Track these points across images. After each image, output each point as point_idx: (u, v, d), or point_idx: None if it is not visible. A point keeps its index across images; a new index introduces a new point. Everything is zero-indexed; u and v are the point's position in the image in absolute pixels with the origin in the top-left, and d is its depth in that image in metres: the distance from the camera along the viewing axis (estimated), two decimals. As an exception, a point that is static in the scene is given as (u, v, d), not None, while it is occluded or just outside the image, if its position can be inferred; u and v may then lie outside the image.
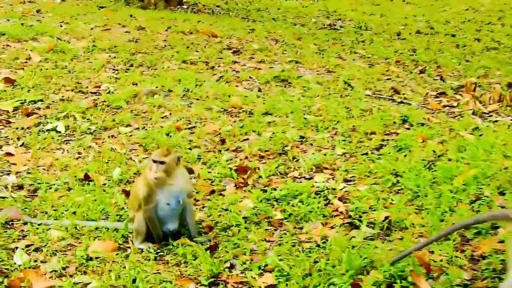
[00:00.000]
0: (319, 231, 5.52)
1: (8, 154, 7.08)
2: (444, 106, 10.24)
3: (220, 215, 5.93)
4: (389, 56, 13.16)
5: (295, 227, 5.75)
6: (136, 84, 9.54)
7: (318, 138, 7.96)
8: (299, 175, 6.93)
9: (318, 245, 5.34)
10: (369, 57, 13.04)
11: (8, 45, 10.80)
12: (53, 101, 8.57)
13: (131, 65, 10.48)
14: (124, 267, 5.05)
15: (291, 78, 10.60)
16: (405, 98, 10.40)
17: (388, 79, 11.58)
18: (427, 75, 12.21)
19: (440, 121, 8.96)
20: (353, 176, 6.86)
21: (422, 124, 8.62)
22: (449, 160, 7.14)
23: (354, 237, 5.45)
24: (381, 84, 11.03)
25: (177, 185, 5.33)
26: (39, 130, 7.72)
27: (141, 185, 5.36)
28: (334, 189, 6.45)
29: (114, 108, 8.55)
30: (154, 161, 5.20)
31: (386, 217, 5.73)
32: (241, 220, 5.70)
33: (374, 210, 5.99)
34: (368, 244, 5.33)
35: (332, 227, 5.70)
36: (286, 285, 4.79)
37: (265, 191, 6.34)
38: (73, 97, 8.83)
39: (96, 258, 5.17)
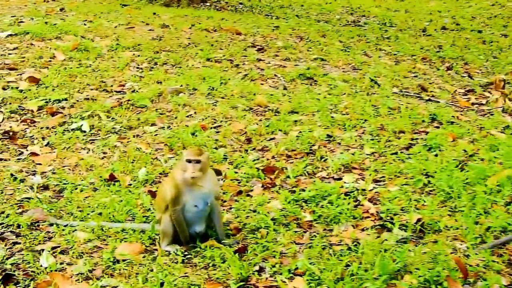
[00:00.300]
0: (349, 234, 5.37)
1: (33, 154, 7.01)
2: (473, 103, 10.05)
3: (248, 216, 5.81)
4: (415, 53, 12.94)
5: (324, 229, 5.62)
6: (161, 82, 9.44)
7: (346, 137, 7.81)
8: (327, 175, 6.79)
9: (349, 248, 5.19)
10: (395, 54, 12.83)
11: (32, 44, 10.75)
12: (77, 100, 8.49)
13: (155, 64, 10.38)
14: (151, 270, 4.95)
15: (316, 76, 10.45)
16: (433, 96, 10.22)
17: (415, 76, 11.39)
18: (454, 72, 11.99)
19: (469, 119, 8.77)
20: (383, 177, 6.71)
21: (452, 123, 8.43)
22: (481, 160, 6.96)
23: (386, 240, 5.27)
24: (408, 82, 10.83)
25: (206, 187, 5.22)
26: (64, 130, 7.63)
27: (168, 186, 5.26)
28: (364, 190, 6.30)
29: (139, 107, 8.45)
30: (189, 161, 5.09)
31: (419, 219, 5.56)
32: (270, 222, 5.58)
33: (406, 211, 5.83)
34: (400, 247, 5.16)
35: (363, 230, 5.54)
36: (317, 289, 4.62)
37: (293, 191, 6.20)
38: (98, 96, 8.73)
39: (123, 260, 5.06)
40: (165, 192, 5.31)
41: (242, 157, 7.12)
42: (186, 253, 5.23)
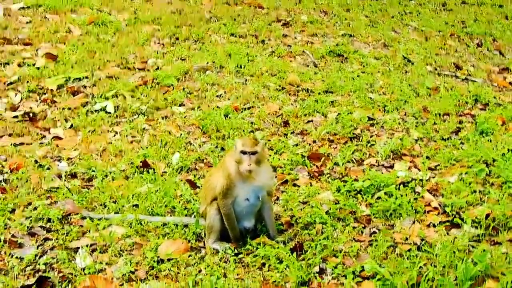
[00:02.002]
0: (416, 231, 4.89)
1: (57, 137, 6.51)
2: (510, 83, 9.53)
3: (299, 209, 5.29)
4: (442, 29, 12.39)
5: (384, 224, 5.08)
6: (184, 59, 8.88)
7: (388, 120, 7.35)
8: (376, 162, 6.33)
9: (419, 248, 4.67)
10: (422, 30, 12.27)
11: (46, 18, 10.13)
12: (99, 79, 7.94)
13: (177, 39, 9.81)
14: (200, 271, 4.46)
15: (347, 52, 9.91)
16: (469, 75, 9.71)
17: (447, 53, 10.85)
18: (485, 49, 11.45)
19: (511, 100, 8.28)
20: (438, 165, 6.24)
21: (499, 105, 7.92)
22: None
23: (456, 238, 4.74)
24: (441, 59, 10.31)
25: (260, 180, 4.71)
26: (87, 111, 7.12)
27: (219, 176, 4.75)
28: (421, 180, 5.81)
29: (164, 86, 7.93)
30: (245, 152, 4.58)
31: (488, 215, 5.04)
32: (325, 216, 5.11)
33: (471, 204, 5.32)
34: (473, 247, 4.65)
35: (428, 225, 5.05)
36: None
37: (345, 181, 5.73)
38: (120, 73, 8.20)
39: (168, 260, 4.58)
40: (214, 182, 4.82)
41: (282, 142, 6.65)
42: (236, 251, 4.69)
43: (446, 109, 7.65)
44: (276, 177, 5.65)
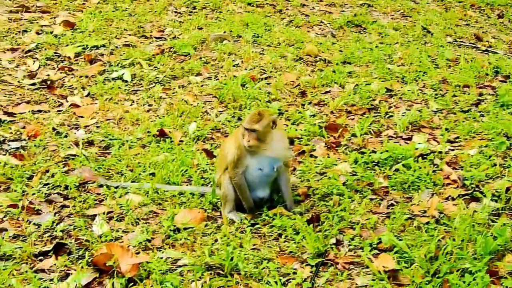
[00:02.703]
0: (435, 204, 4.81)
1: (74, 105, 6.47)
2: (532, 55, 9.36)
3: (316, 180, 5.23)
4: (463, -1, 12.16)
5: (402, 197, 5.01)
6: (202, 28, 8.80)
7: (407, 91, 7.26)
8: (394, 134, 6.25)
9: (437, 221, 4.60)
10: (442, 0, 12.03)
11: (63, -15, 10.00)
12: (116, 47, 7.90)
13: (194, 8, 9.73)
14: (216, 241, 4.42)
15: (365, 23, 9.79)
16: (489, 46, 9.56)
17: (467, 24, 10.70)
18: (506, 20, 11.25)
19: (533, 72, 8.15)
20: (457, 137, 6.15)
21: (520, 77, 7.78)
22: None
23: (476, 212, 4.66)
24: (461, 30, 10.15)
25: (273, 151, 4.68)
26: (105, 79, 7.08)
27: (231, 146, 4.71)
28: (440, 152, 5.71)
29: (181, 55, 7.87)
30: (246, 129, 4.49)
31: (508, 188, 4.95)
32: (342, 188, 5.03)
33: (491, 178, 5.24)
34: (493, 221, 4.57)
35: (447, 199, 4.97)
36: (407, 269, 4.08)
37: (363, 153, 5.65)
38: (137, 42, 8.14)
39: (184, 229, 4.55)
40: (226, 151, 4.76)
41: (299, 113, 6.56)
42: (252, 221, 4.64)
43: (466, 81, 7.53)
44: (292, 148, 5.57)
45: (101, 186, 5.09)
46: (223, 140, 5.55)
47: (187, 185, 5.15)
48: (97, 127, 6.10)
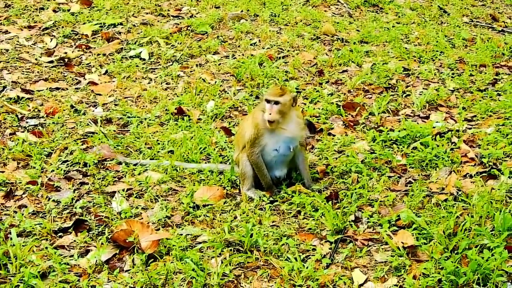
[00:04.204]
0: (453, 181, 4.74)
1: (92, 83, 6.42)
2: (548, 35, 9.23)
3: (334, 158, 5.18)
4: (478, -21, 11.96)
5: (420, 175, 4.96)
6: (219, 7, 8.72)
7: (424, 70, 7.20)
8: (412, 112, 6.19)
9: (455, 198, 4.55)
10: (458, -20, 11.83)
11: (80, -36, 9.92)
12: (133, 25, 7.83)
13: (211, -13, 9.57)
14: (235, 218, 4.38)
15: (382, 2, 9.70)
16: (505, 27, 9.41)
17: (483, 5, 10.56)
18: (523, 1, 11.07)
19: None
20: (474, 116, 6.09)
21: (537, 57, 7.68)
22: None
23: (494, 189, 4.60)
24: (477, 11, 10.03)
25: (290, 131, 4.61)
26: (122, 57, 7.01)
27: (248, 125, 4.66)
28: (458, 130, 5.65)
29: (199, 34, 7.80)
30: (268, 101, 4.46)
31: (526, 166, 4.89)
32: (361, 165, 4.99)
33: (508, 156, 5.20)
34: (511, 198, 4.53)
35: (465, 176, 4.91)
36: (426, 245, 4.03)
37: (381, 131, 5.59)
38: (154, 20, 8.07)
39: (204, 206, 4.51)
40: (244, 130, 4.72)
41: (317, 91, 6.49)
42: (271, 198, 4.60)
43: (483, 60, 7.45)
44: (315, 127, 5.54)
45: (119, 163, 5.05)
46: (241, 118, 5.52)
47: (205, 162, 5.12)
48: (115, 105, 6.05)
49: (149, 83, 6.54)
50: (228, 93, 6.36)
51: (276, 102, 4.47)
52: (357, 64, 7.18)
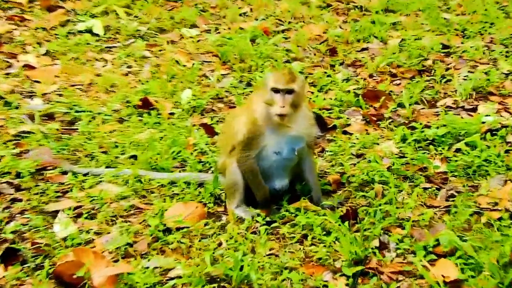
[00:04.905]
0: (509, 194, 4.76)
1: (28, 66, 6.41)
2: None
3: (352, 164, 5.20)
4: None
5: (466, 185, 4.97)
6: (195, -35, 8.73)
7: (469, 48, 7.27)
8: (454, 103, 6.25)
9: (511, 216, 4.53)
10: None
11: None
12: (83, -10, 7.82)
13: None
14: (220, 244, 4.38)
15: (413, -42, 9.66)
16: None
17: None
18: None
19: None
20: (537, 107, 6.07)
21: None
22: None
23: None
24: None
25: (296, 128, 4.59)
26: (68, 32, 7.05)
27: (242, 121, 4.62)
28: (515, 127, 5.65)
29: (171, 1, 7.80)
30: (277, 90, 4.43)
31: None
32: (387, 174, 4.99)
33: None
34: None
35: (525, 187, 4.91)
36: (474, 279, 3.99)
37: (413, 128, 5.62)
38: (111, -17, 8.05)
39: (178, 229, 4.47)
40: (234, 128, 4.68)
41: (329, 76, 6.51)
42: (268, 219, 4.60)
43: (544, 34, 7.48)
44: (325, 124, 5.54)
45: (65, 173, 5.03)
46: (229, 112, 5.49)
47: (180, 171, 5.10)
48: (59, 95, 6.07)
49: (104, 66, 6.59)
50: (210, 79, 6.39)
51: (290, 91, 4.44)
52: (381, 40, 7.24)
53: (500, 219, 4.53)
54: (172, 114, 5.66)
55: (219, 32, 6.94)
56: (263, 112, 4.49)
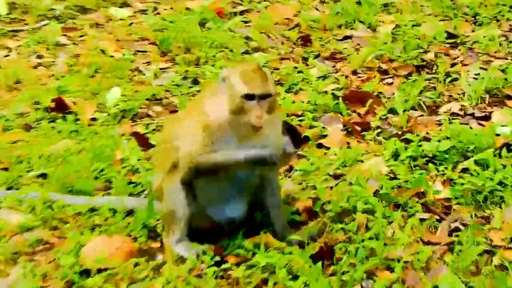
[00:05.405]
0: (528, 227, 4.79)
1: None
2: None
3: (328, 187, 5.22)
4: None
5: (475, 216, 5.04)
6: None
7: (482, 38, 7.38)
8: (461, 109, 6.30)
9: (535, 258, 4.60)
10: None
11: None
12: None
13: None
14: (154, 293, 4.34)
15: None
16: None
17: None
18: None
19: None
20: None
21: None
22: None
23: None
24: None
25: (262, 138, 4.58)
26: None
27: (189, 128, 4.61)
28: (538, 140, 5.74)
29: (95, -28, 7.81)
30: (252, 97, 4.42)
31: None
32: (373, 201, 5.01)
33: None
34: None
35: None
36: None
37: (408, 141, 5.66)
38: None
39: (99, 271, 4.46)
40: (178, 139, 4.68)
41: (300, 72, 6.54)
42: (218, 257, 4.60)
43: None
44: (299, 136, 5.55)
45: None
46: (168, 118, 5.54)
47: (104, 195, 5.11)
48: None
49: (6, 56, 6.60)
50: (145, 74, 6.41)
51: (265, 96, 4.46)
52: (368, 26, 7.32)
53: (519, 262, 4.54)
54: (94, 119, 5.68)
55: (158, 13, 6.95)
56: (220, 116, 4.48)
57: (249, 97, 4.32)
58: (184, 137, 4.57)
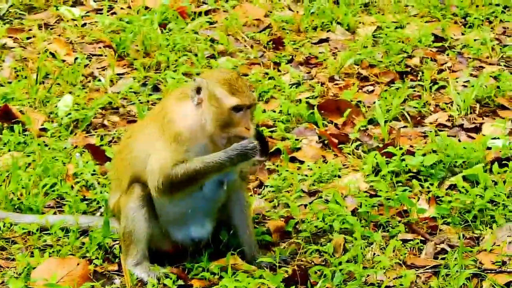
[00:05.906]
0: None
1: None
2: None
3: (302, 205, 5.29)
4: None
5: (463, 237, 5.10)
6: None
7: (472, 42, 7.43)
8: (448, 120, 6.38)
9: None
10: None
11: None
12: None
13: None
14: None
15: None
16: None
17: None
18: None
19: None
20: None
21: None
22: None
23: None
24: None
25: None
26: None
27: (151, 139, 4.70)
28: (533, 154, 5.83)
29: (44, -34, 7.87)
30: (239, 108, 4.55)
31: None
32: (351, 219, 5.09)
33: None
34: None
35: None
36: None
37: (390, 154, 5.72)
38: None
39: (50, 297, 4.51)
40: (138, 151, 4.77)
41: (271, 79, 6.64)
42: (181, 281, 4.69)
43: None
44: (266, 144, 5.64)
45: None
46: (127, 129, 5.59)
47: (55, 213, 5.19)
48: None
49: None
50: (100, 80, 6.45)
51: (250, 106, 4.59)
52: (347, 28, 7.35)
53: (508, 284, 4.65)
54: (44, 130, 5.71)
55: (114, 13, 7.00)
56: (191, 123, 4.57)
57: (238, 109, 4.39)
58: (149, 149, 4.64)
